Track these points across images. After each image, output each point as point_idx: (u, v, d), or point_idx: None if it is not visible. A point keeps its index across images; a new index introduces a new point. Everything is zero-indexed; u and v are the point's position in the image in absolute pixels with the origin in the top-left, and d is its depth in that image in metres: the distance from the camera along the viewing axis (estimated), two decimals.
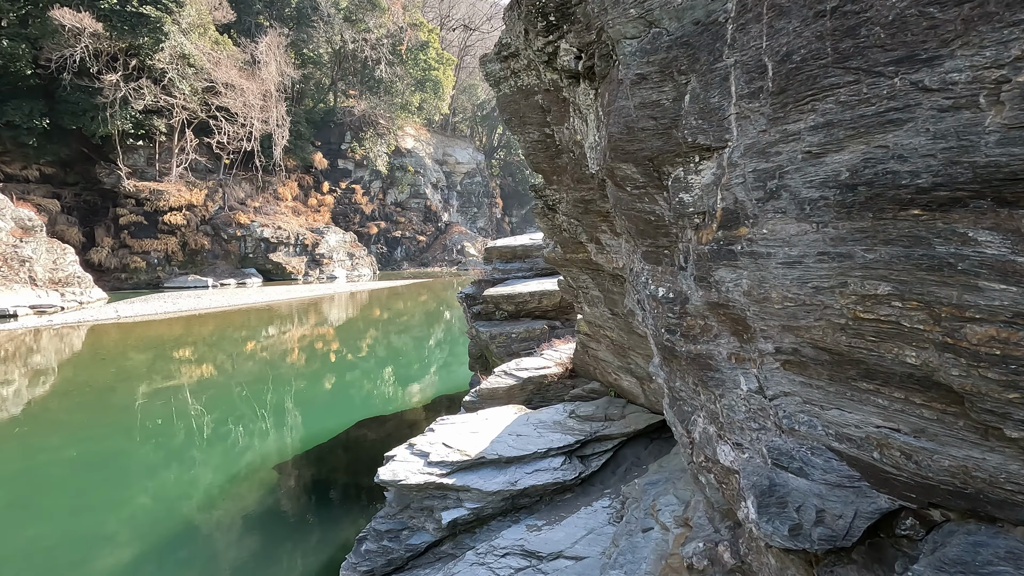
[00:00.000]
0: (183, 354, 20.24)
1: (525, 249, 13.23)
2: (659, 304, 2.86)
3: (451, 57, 66.24)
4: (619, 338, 6.24)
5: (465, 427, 7.32)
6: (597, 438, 7.13)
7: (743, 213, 2.06)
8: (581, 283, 5.85)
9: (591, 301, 6.00)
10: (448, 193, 72.85)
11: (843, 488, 2.06)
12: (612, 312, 5.68)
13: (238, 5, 46.08)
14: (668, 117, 2.25)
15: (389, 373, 18.47)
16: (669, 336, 2.83)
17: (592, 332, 6.90)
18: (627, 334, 5.92)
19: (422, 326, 29.02)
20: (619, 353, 6.72)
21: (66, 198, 39.91)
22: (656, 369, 3.55)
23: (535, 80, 3.50)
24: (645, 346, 5.84)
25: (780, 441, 2.26)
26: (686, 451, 3.35)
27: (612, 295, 5.40)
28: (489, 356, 11.46)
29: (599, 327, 6.49)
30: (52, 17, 31.48)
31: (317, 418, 13.50)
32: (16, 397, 14.91)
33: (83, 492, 9.17)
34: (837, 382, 1.99)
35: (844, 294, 1.79)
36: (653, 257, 2.92)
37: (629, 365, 6.83)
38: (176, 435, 12.21)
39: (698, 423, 2.95)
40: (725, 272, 2.24)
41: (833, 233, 1.78)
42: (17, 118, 34.14)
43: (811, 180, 1.79)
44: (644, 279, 3.03)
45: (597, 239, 4.47)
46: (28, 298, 28.86)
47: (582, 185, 3.84)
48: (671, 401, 3.27)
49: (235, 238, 45.74)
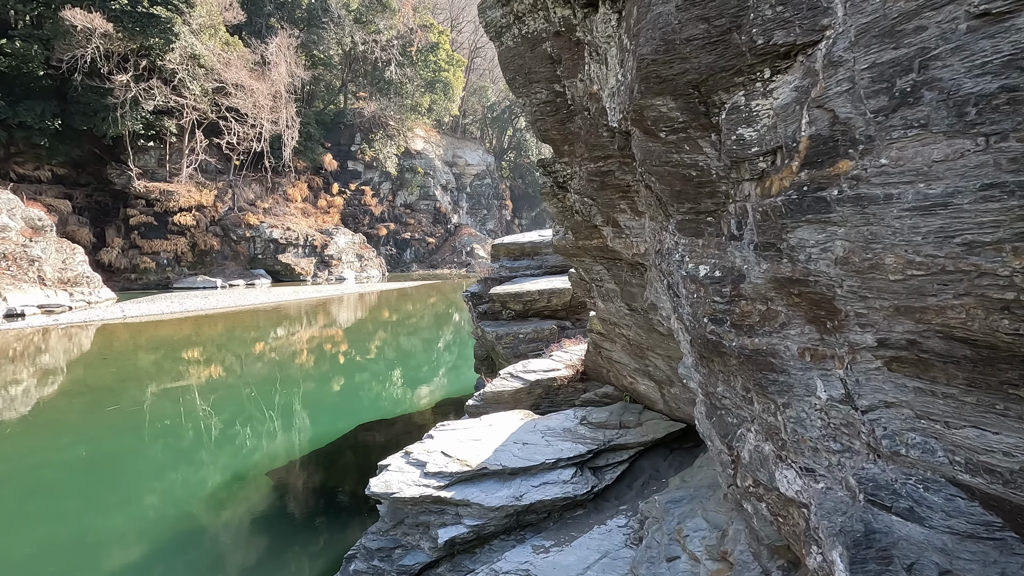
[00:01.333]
0: (189, 354, 19.89)
1: (534, 246, 12.62)
2: (700, 287, 2.25)
3: (461, 58, 65.98)
4: (636, 337, 5.61)
5: (467, 434, 6.71)
6: (611, 447, 6.48)
7: (847, 138, 1.45)
8: (595, 275, 5.23)
9: (606, 296, 5.37)
10: (458, 195, 72.50)
11: (978, 541, 1.44)
12: (629, 307, 5.05)
13: (249, 7, 46.14)
14: (728, 14, 1.64)
15: (398, 376, 18.01)
16: (715, 327, 2.22)
17: (606, 331, 6.27)
18: (646, 332, 5.28)
19: (431, 328, 28.50)
20: (636, 354, 6.08)
21: (77, 199, 40.00)
22: (689, 371, 2.92)
23: (542, 24, 2.91)
24: (666, 345, 5.20)
25: (876, 469, 1.64)
26: (726, 471, 2.71)
27: (630, 288, 4.77)
28: (495, 358, 10.86)
29: (614, 325, 5.86)
30: (63, 18, 31.55)
31: (324, 420, 13.16)
32: (23, 396, 14.63)
33: (92, 492, 9.12)
34: (980, 389, 1.38)
35: (1020, 252, 1.17)
36: (692, 227, 2.31)
37: (647, 367, 6.19)
38: (183, 436, 11.94)
39: (747, 439, 2.33)
40: (808, 232, 1.64)
41: (1017, 149, 1.15)
42: (29, 119, 34.27)
43: (983, 62, 1.16)
44: (679, 256, 2.42)
45: (614, 221, 3.85)
46: (37, 298, 28.79)
47: (598, 154, 3.24)
48: (709, 410, 2.65)
49: (244, 239, 45.65)
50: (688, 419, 6.52)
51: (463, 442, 6.44)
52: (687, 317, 2.43)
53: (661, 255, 2.79)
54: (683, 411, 6.21)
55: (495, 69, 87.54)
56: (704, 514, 3.94)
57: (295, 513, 8.80)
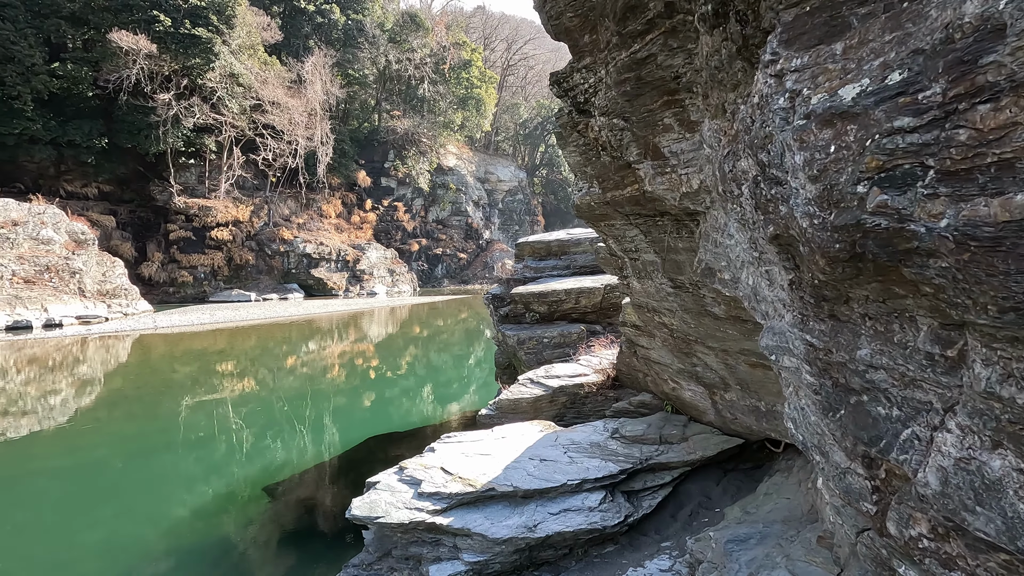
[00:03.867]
0: (222, 367, 19.55)
1: (561, 244, 11.56)
2: (847, 123, 1.17)
3: (493, 75, 66.37)
4: (682, 326, 4.45)
5: (475, 447, 5.62)
6: (649, 467, 5.28)
7: None
8: (628, 244, 4.13)
9: (643, 271, 4.26)
10: (489, 211, 72.32)
11: None
12: (674, 283, 3.92)
13: (287, 28, 47.49)
14: None
15: (428, 391, 17.21)
16: (887, 198, 1.13)
17: (643, 321, 5.13)
18: (695, 318, 4.14)
19: (461, 344, 27.59)
20: (680, 350, 4.91)
21: (122, 214, 41.37)
22: (783, 337, 1.80)
23: None
24: (722, 334, 4.03)
25: None
26: (854, 505, 1.56)
27: (675, 255, 3.66)
28: (517, 365, 9.76)
29: (653, 313, 4.72)
30: (111, 40, 32.84)
31: (353, 432, 12.55)
32: (61, 404, 14.42)
33: (124, 499, 8.95)
34: None
35: None
36: (823, 24, 1.24)
37: (694, 368, 5.00)
38: (215, 447, 11.46)
39: (938, 445, 1.21)
40: None
41: None
42: (78, 137, 35.67)
43: None
44: (788, 96, 1.35)
45: (655, 148, 2.80)
46: (76, 309, 29.44)
47: (633, 27, 2.22)
48: (828, 399, 1.54)
49: (278, 253, 46.28)
50: (747, 432, 5.26)
51: (469, 457, 5.35)
52: (804, 209, 1.35)
53: (739, 143, 1.72)
54: (740, 423, 4.97)
55: (527, 87, 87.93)
56: (791, 566, 2.73)
57: (324, 530, 7.98)
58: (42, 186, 36.43)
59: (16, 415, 13.33)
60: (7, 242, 28.36)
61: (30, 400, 14.60)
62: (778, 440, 5.14)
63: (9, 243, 28.43)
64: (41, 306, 28.02)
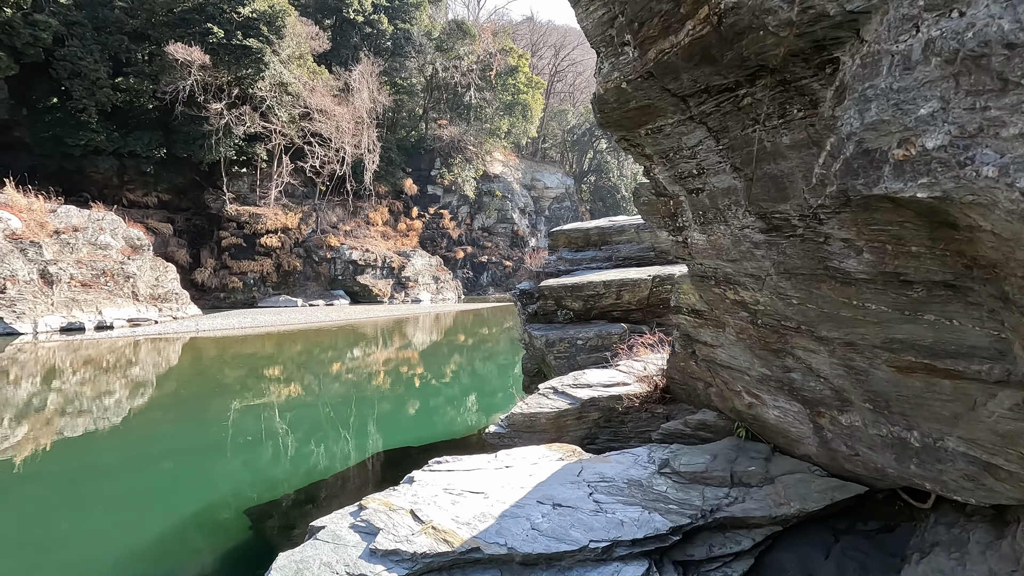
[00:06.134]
0: (270, 372, 19.02)
1: (602, 233, 9.89)
2: None
3: (540, 81, 65.33)
4: (774, 303, 2.76)
5: (466, 479, 4.07)
6: (718, 523, 3.56)
7: None
8: (685, 164, 2.51)
9: (709, 210, 2.62)
10: (536, 218, 70.97)
11: None
12: (768, 223, 2.27)
13: (337, 38, 48.28)
14: None
15: (472, 401, 15.98)
16: None
17: (707, 303, 3.45)
18: (802, 284, 2.45)
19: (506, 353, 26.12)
20: (767, 346, 3.19)
21: (178, 222, 42.85)
22: None
23: None
24: (859, 309, 2.33)
25: None
26: None
27: (773, 162, 2.02)
28: (547, 371, 8.14)
29: (724, 286, 3.05)
30: (167, 52, 33.98)
31: (396, 439, 11.65)
32: (111, 404, 14.18)
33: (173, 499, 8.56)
34: None
35: None
36: None
37: (788, 373, 3.26)
38: (262, 452, 10.74)
39: None
40: None
41: None
42: (138, 148, 37.10)
43: None
44: None
45: None
46: (129, 312, 30.20)
47: None
48: None
49: (325, 260, 46.66)
50: (874, 477, 3.45)
51: (455, 494, 3.80)
52: None
53: None
54: (865, 461, 3.18)
55: (575, 93, 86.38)
56: None
57: None
58: (106, 195, 38.12)
59: (72, 414, 13.04)
60: (67, 247, 29.49)
61: (83, 400, 14.37)
62: (924, 491, 3.29)
63: (69, 248, 29.56)
64: (96, 309, 28.86)
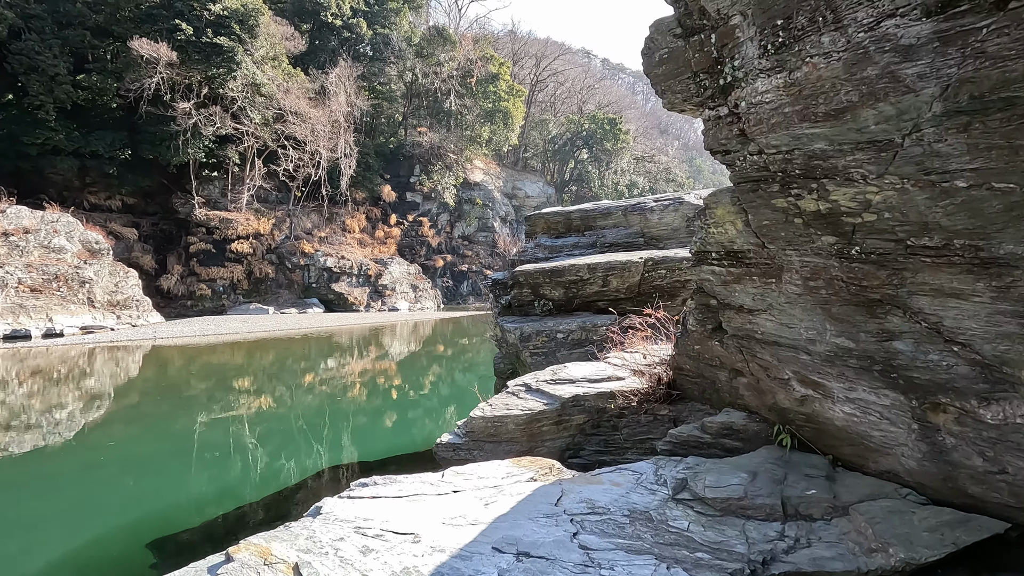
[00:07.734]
0: (239, 383, 17.58)
1: (585, 217, 8.98)
2: None
3: (521, 89, 65.04)
4: (900, 198, 1.78)
5: (392, 513, 3.01)
6: None
7: None
8: None
9: (800, 11, 1.66)
10: (517, 227, 70.15)
11: None
12: None
13: (315, 42, 47.19)
14: None
15: (452, 412, 14.87)
16: None
17: (760, 228, 2.50)
18: (1003, 124, 1.45)
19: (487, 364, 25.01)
20: (857, 297, 2.21)
21: (144, 227, 40.91)
22: None
23: None
24: None
25: None
26: None
27: None
28: (522, 371, 7.11)
29: (798, 186, 2.08)
30: (131, 48, 32.51)
31: (350, 450, 10.83)
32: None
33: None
34: None
35: None
36: None
37: (888, 338, 2.30)
38: (185, 471, 9.74)
39: None
40: None
41: None
42: (101, 148, 35.35)
43: None
44: None
45: None
46: (83, 319, 28.35)
47: None
48: None
49: (299, 267, 45.07)
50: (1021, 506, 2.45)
51: (369, 537, 2.73)
52: None
53: None
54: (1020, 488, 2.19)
55: (556, 103, 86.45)
56: None
57: None
58: (67, 198, 36.12)
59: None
60: (16, 250, 27.60)
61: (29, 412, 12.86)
62: None
63: (19, 251, 27.68)
64: (46, 315, 26.98)
